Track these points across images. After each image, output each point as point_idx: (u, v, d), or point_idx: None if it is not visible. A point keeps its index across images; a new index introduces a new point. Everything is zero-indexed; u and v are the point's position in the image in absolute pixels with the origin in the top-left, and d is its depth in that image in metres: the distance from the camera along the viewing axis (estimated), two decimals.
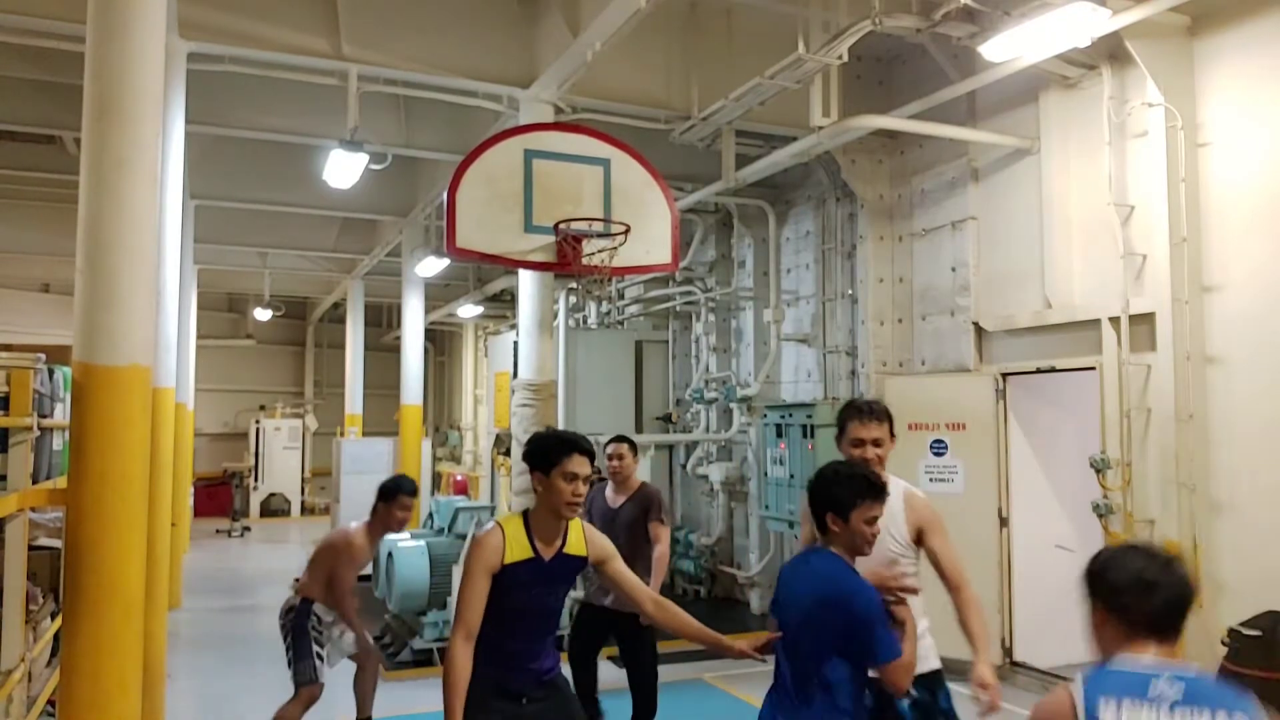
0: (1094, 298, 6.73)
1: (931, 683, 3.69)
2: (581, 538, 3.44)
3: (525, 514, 3.39)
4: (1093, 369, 6.68)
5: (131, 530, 3.99)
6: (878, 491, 3.12)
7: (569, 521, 3.38)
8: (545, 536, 3.34)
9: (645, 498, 5.76)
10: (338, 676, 5.65)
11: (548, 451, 3.32)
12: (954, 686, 3.99)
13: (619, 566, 3.53)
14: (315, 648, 5.17)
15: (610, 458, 5.76)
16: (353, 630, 5.43)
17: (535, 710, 3.39)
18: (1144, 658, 2.19)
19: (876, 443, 3.88)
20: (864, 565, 3.19)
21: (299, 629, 5.16)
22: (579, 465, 3.30)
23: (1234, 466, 5.91)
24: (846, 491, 3.08)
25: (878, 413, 3.88)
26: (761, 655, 3.51)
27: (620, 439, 5.92)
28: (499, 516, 3.64)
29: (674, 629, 3.55)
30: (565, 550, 3.37)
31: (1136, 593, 2.25)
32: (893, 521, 3.70)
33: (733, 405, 10.41)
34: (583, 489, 3.33)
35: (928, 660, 3.68)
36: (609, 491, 5.82)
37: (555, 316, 9.55)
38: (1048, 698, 2.20)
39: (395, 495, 5.31)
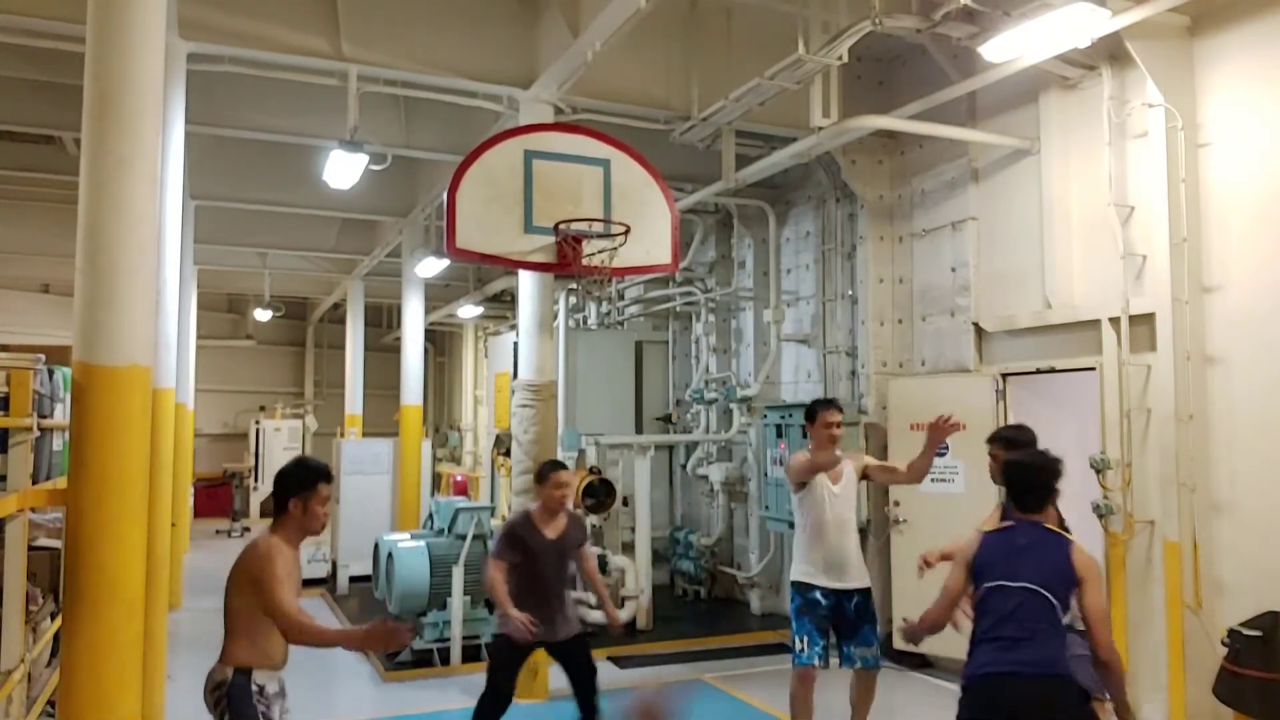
0: (1094, 298, 6.73)
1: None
2: None
3: None
4: (1093, 369, 6.68)
5: (131, 530, 3.99)
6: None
7: None
8: None
9: (580, 525, 5.54)
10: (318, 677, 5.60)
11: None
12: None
13: None
14: None
15: (563, 485, 5.34)
16: None
17: None
18: None
19: (839, 425, 5.51)
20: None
21: (240, 715, 3.65)
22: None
23: (1234, 466, 5.91)
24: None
25: (838, 404, 5.66)
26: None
27: (563, 465, 5.56)
28: None
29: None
30: None
31: None
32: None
33: (733, 405, 10.42)
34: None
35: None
36: (543, 522, 5.32)
37: (555, 317, 9.55)
38: None
39: (314, 485, 3.84)
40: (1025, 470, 4.13)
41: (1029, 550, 3.82)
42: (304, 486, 3.81)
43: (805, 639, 5.41)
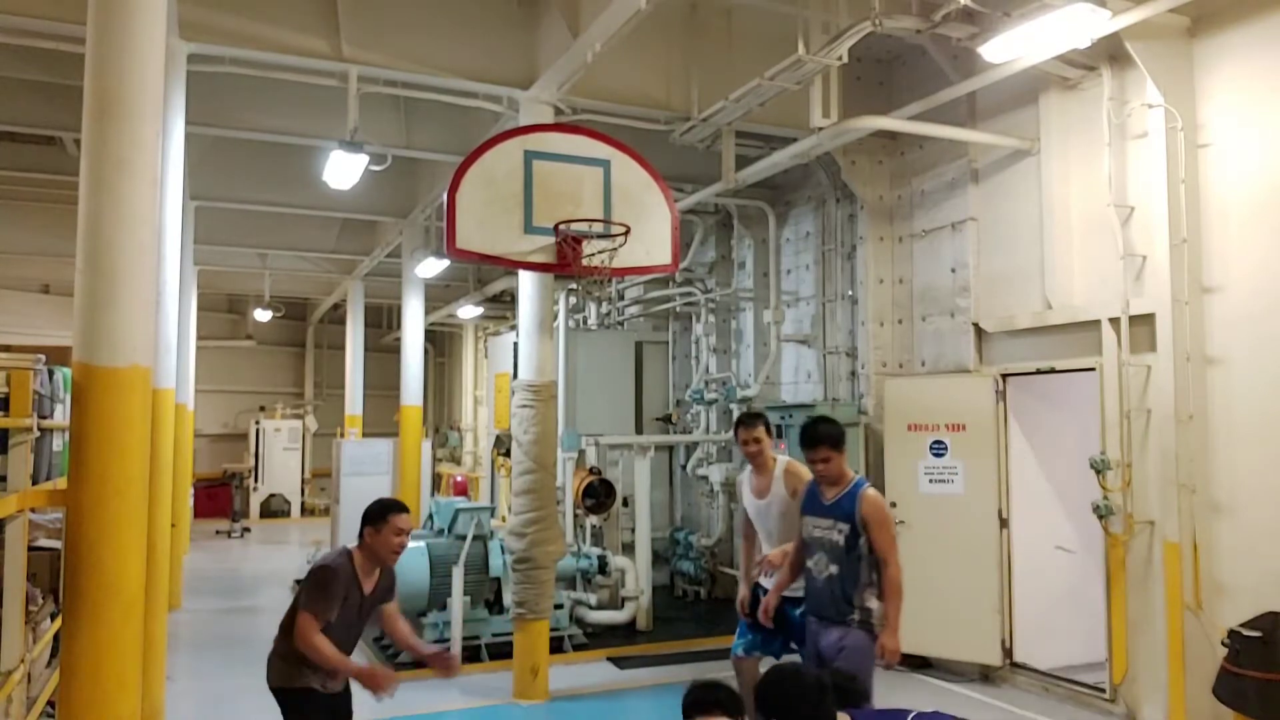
0: (1094, 298, 6.73)
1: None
2: None
3: None
4: (1093, 370, 6.69)
5: (131, 531, 3.99)
6: None
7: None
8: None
9: (391, 577, 4.42)
10: None
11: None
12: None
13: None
14: None
15: (403, 533, 4.20)
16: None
17: None
18: None
19: (753, 441, 5.32)
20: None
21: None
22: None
23: (1234, 467, 5.91)
24: None
25: (757, 419, 5.42)
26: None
27: (404, 506, 4.33)
28: None
29: None
30: None
31: None
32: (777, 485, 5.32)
33: (733, 406, 10.41)
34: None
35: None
36: (364, 572, 4.20)
37: (555, 317, 9.55)
38: None
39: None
40: None
41: None
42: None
43: (738, 630, 5.47)
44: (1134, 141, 6.43)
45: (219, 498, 19.19)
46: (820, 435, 4.79)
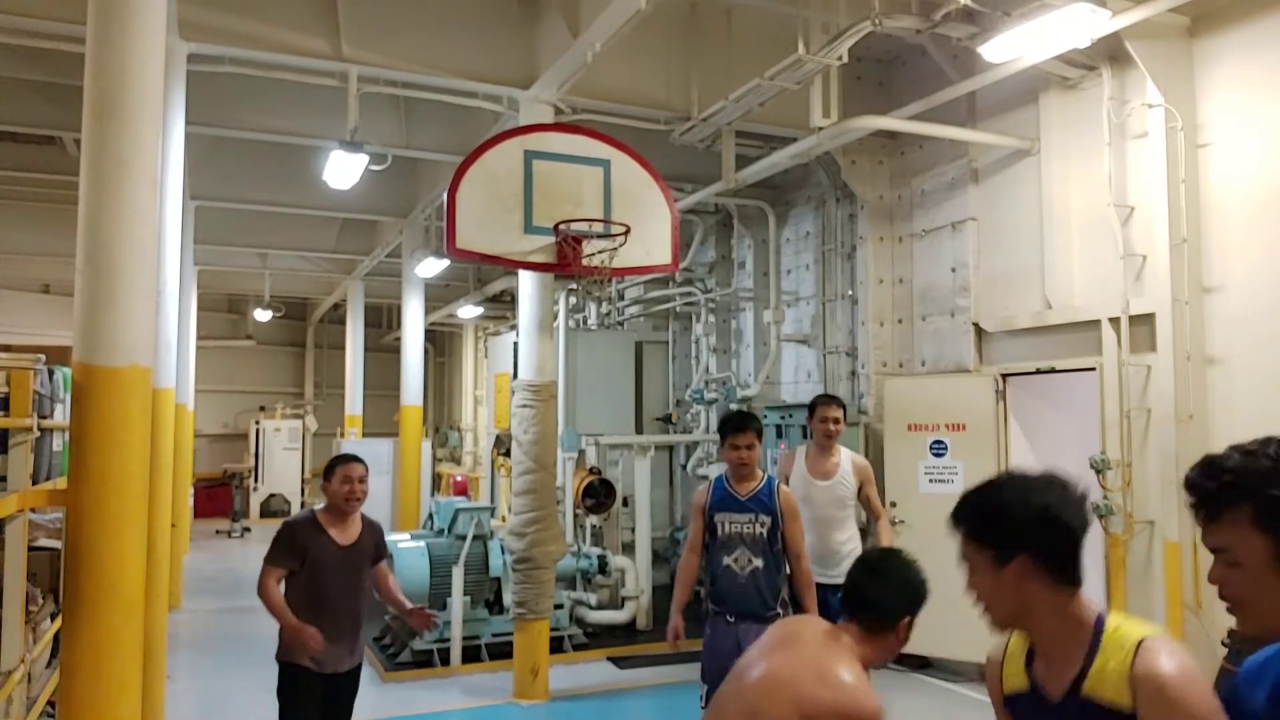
0: (1094, 298, 6.73)
1: None
2: None
3: None
4: (1093, 369, 6.68)
5: (131, 531, 3.99)
6: None
7: None
8: None
9: (377, 533, 4.65)
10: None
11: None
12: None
13: None
14: None
15: (352, 481, 4.41)
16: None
17: None
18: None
19: (837, 421, 5.68)
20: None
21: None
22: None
23: None
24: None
25: (839, 400, 5.84)
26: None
27: (357, 458, 4.56)
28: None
29: None
30: None
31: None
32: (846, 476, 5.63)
33: (733, 406, 10.41)
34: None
35: None
36: (330, 524, 4.41)
37: (555, 317, 9.55)
38: None
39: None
40: None
41: None
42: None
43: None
44: (1134, 141, 6.43)
45: (219, 498, 19.19)
46: (750, 422, 4.92)
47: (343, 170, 7.79)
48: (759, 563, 4.74)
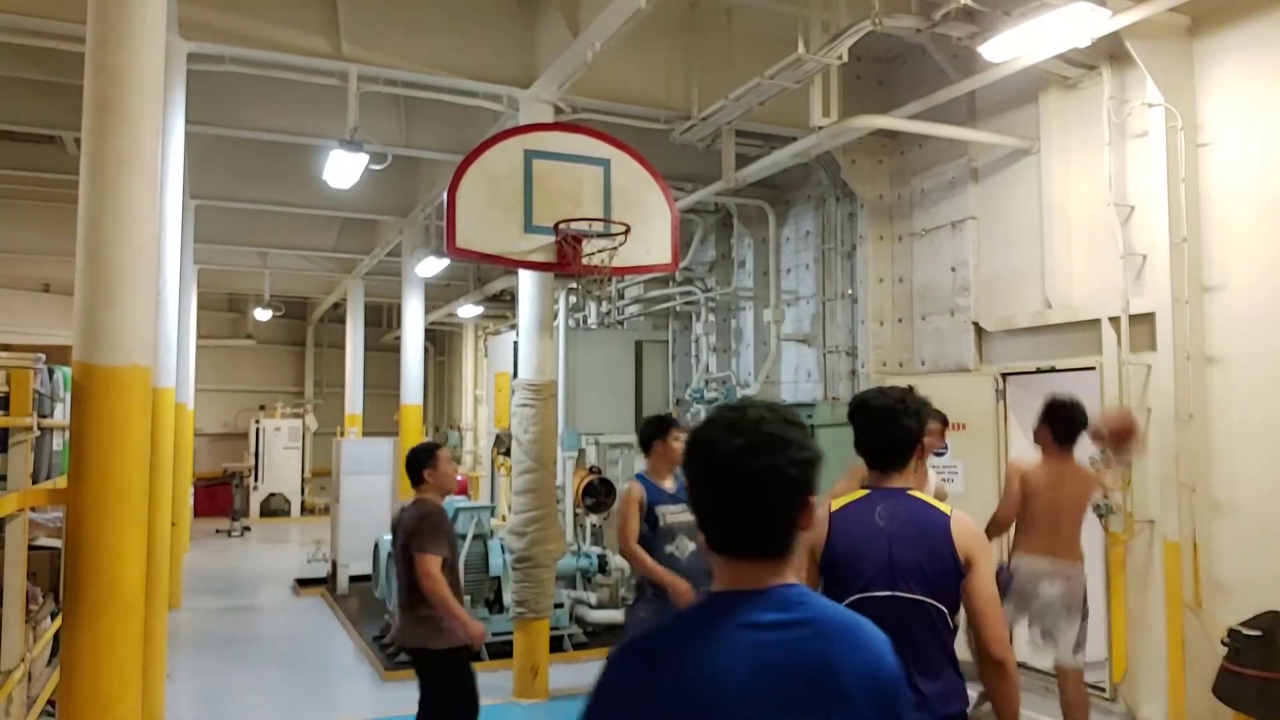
0: (1094, 298, 6.72)
1: None
2: None
3: None
4: (1093, 369, 6.68)
5: (131, 530, 3.99)
6: None
7: None
8: None
9: (413, 516, 5.13)
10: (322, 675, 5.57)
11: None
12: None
13: None
14: None
15: (451, 462, 5.34)
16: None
17: None
18: None
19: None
20: None
21: None
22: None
23: (1234, 466, 5.90)
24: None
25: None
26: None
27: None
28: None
29: None
30: None
31: None
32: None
33: None
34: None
35: None
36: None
37: (555, 316, 9.54)
38: None
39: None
40: (871, 414, 2.98)
41: (896, 536, 2.83)
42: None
43: None
44: (1134, 141, 6.43)
45: (219, 497, 19.19)
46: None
47: (343, 169, 7.79)
48: (692, 545, 5.14)
